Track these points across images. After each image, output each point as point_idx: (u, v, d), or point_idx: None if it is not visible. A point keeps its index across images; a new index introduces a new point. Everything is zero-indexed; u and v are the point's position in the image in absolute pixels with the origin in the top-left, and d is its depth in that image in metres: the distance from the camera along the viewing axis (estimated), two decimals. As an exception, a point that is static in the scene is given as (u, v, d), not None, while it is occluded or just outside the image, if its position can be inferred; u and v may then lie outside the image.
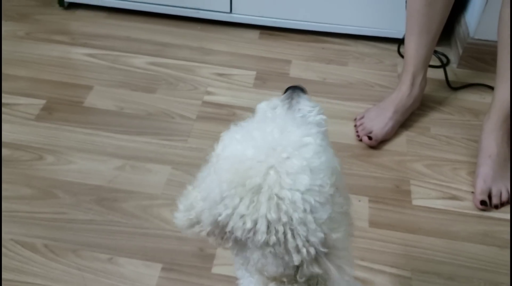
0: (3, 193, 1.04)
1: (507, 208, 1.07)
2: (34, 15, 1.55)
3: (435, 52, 1.43)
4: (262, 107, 0.61)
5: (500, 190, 1.06)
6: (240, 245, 0.49)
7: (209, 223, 0.49)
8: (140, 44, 1.46)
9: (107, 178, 1.08)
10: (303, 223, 0.45)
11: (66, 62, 1.40)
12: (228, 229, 0.47)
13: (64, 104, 1.26)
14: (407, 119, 1.24)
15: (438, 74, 1.39)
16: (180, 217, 0.53)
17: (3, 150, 1.13)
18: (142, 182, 1.08)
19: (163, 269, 0.92)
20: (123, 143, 1.16)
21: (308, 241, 0.45)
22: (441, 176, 1.12)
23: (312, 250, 0.45)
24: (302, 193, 0.45)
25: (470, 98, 1.33)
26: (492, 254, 0.98)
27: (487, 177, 1.07)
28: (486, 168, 1.08)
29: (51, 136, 1.17)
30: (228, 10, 1.50)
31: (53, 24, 1.52)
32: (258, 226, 0.45)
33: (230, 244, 0.50)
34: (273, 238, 0.45)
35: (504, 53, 1.03)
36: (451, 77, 1.38)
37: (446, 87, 1.36)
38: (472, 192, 1.08)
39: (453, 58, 1.45)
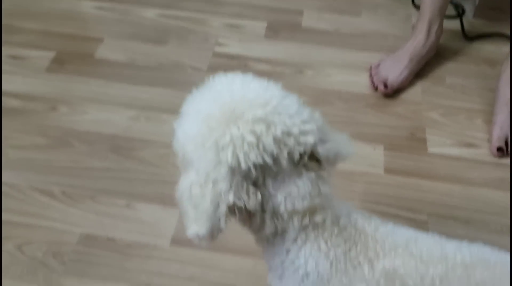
0: (19, 142, 1.04)
1: (523, 155, 1.06)
2: (40, -32, 1.52)
3: (451, 2, 1.41)
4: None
5: (517, 137, 1.06)
6: (267, 171, 0.48)
7: (223, 176, 0.46)
8: (150, -4, 1.43)
9: (122, 127, 1.08)
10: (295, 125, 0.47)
11: (75, 14, 1.38)
12: (244, 165, 0.45)
13: (75, 56, 1.24)
14: (422, 69, 1.22)
15: (454, 24, 1.36)
16: (197, 227, 0.47)
17: (16, 101, 1.12)
18: (157, 131, 1.08)
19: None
20: (136, 93, 1.16)
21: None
22: (457, 125, 1.12)
23: (311, 138, 0.47)
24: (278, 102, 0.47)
25: (486, 48, 1.31)
26: (508, 200, 0.98)
27: (504, 124, 1.06)
28: (503, 115, 1.07)
29: (64, 87, 1.17)
30: (239, -39, 1.46)
31: (61, -23, 1.50)
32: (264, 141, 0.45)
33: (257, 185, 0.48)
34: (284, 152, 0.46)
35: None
36: (466, 27, 1.36)
37: (461, 38, 1.34)
38: (488, 140, 1.08)
39: (469, 7, 1.41)
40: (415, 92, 1.19)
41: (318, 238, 0.52)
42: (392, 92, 1.16)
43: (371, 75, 1.20)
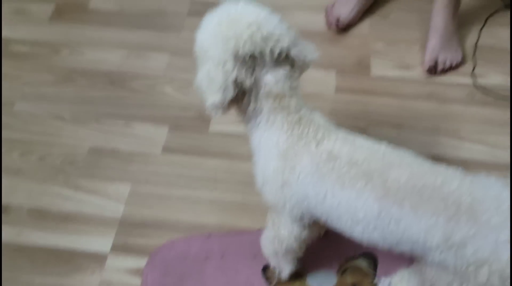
0: (31, 80, 1.24)
1: (451, 73, 1.28)
2: None
3: None
4: None
5: (445, 58, 1.27)
6: (257, 62, 0.67)
7: (229, 58, 0.65)
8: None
9: (115, 64, 1.29)
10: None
11: (67, -29, 1.55)
12: (241, 52, 0.65)
13: (72, 7, 1.43)
14: (370, 6, 1.43)
15: (401, -33, 1.55)
16: (214, 97, 0.66)
17: (25, 47, 1.32)
18: (146, 66, 1.28)
19: (170, 129, 1.15)
20: (126, 36, 1.36)
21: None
22: (397, 52, 1.33)
23: (286, 42, 0.67)
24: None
25: (427, -14, 1.51)
26: (434, 108, 1.20)
27: (435, 47, 1.27)
28: (434, 40, 1.28)
29: (64, 34, 1.36)
30: None
31: None
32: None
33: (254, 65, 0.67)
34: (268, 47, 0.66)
35: None
36: (412, -31, 1.55)
37: (407, -21, 1.53)
38: (422, 62, 1.29)
39: (415, -48, 1.60)
40: (364, 26, 1.40)
41: (283, 120, 0.70)
42: (343, 27, 1.37)
43: (326, 15, 1.41)
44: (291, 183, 0.71)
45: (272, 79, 0.69)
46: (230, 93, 0.67)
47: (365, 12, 1.42)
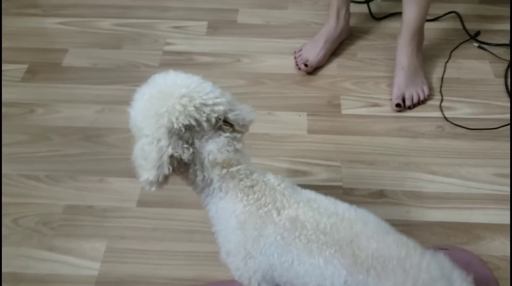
0: (6, 141, 1.25)
1: (420, 108, 1.31)
2: (5, -6, 1.73)
3: (362, -11, 1.66)
4: None
5: (412, 94, 1.31)
6: (195, 133, 0.67)
7: (163, 135, 0.65)
8: (105, 9, 1.65)
9: (90, 120, 1.30)
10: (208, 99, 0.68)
11: (41, 31, 1.59)
12: (176, 125, 0.65)
13: (45, 66, 1.46)
14: (337, 48, 1.47)
15: (365, 8, 1.61)
16: (147, 174, 0.65)
17: (-1, 108, 1.34)
18: (119, 120, 1.30)
19: (144, 181, 1.16)
20: (99, 92, 1.38)
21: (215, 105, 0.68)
22: (365, 90, 1.36)
23: (222, 107, 0.68)
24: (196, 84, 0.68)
25: (391, 25, 1.56)
26: (405, 143, 1.23)
27: (401, 84, 1.31)
28: (400, 77, 1.31)
29: (38, 93, 1.38)
30: (179, -29, 1.69)
31: (24, 0, 1.70)
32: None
33: (189, 140, 0.67)
34: (203, 117, 0.66)
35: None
36: (375, 9, 1.61)
37: (371, 19, 1.59)
38: (390, 99, 1.32)
39: (378, -7, 1.67)
40: (332, 67, 1.43)
41: (235, 188, 0.69)
42: (312, 70, 1.40)
43: (295, 58, 1.44)
44: (255, 255, 0.70)
45: (214, 146, 0.68)
46: (165, 170, 0.65)
47: (332, 53, 1.46)
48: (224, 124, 0.69)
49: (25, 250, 1.04)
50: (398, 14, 1.57)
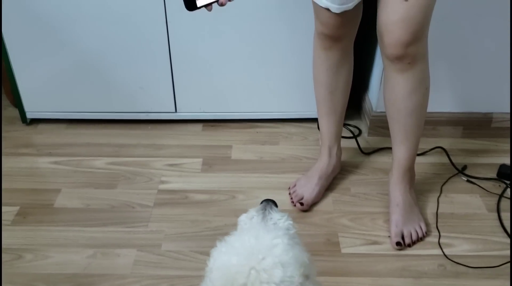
0: (-10, 292, 1.18)
1: (419, 245, 1.30)
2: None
3: (349, 125, 1.74)
4: (242, 219, 0.81)
5: (410, 231, 1.30)
6: None
7: None
8: (99, 148, 1.68)
9: (81, 266, 1.25)
10: None
11: (34, 171, 1.59)
12: None
13: (36, 208, 1.43)
14: (331, 183, 1.49)
15: (354, 143, 1.67)
16: None
17: (-14, 255, 1.28)
18: (113, 265, 1.25)
19: (138, 336, 1.08)
20: (92, 234, 1.34)
21: None
22: (363, 226, 1.36)
23: None
24: (277, 284, 0.63)
25: (380, 159, 1.61)
26: (409, 284, 1.19)
27: (398, 222, 1.31)
28: (396, 215, 1.32)
29: (27, 236, 1.34)
30: (174, 110, 1.76)
31: (19, 139, 1.73)
32: None
33: None
34: None
35: (392, 125, 1.30)
36: (364, 144, 1.67)
37: (360, 154, 1.64)
38: (389, 236, 1.32)
39: (364, 128, 1.75)
40: (327, 203, 1.44)
41: None
42: (308, 208, 1.41)
43: (290, 194, 1.45)
44: None
45: None
46: None
47: (327, 189, 1.48)
48: None
49: None
50: (386, 149, 1.63)
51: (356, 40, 1.33)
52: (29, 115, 1.78)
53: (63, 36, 1.59)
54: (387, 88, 1.24)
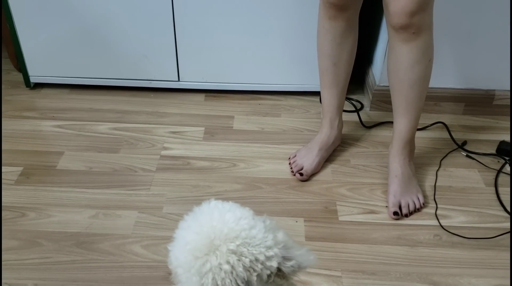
0: (-7, 247, 1.20)
1: (416, 215, 1.32)
2: (4, 97, 1.76)
3: (351, 99, 1.74)
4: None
5: (407, 202, 1.32)
6: None
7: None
8: (102, 113, 1.69)
9: (83, 225, 1.27)
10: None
11: (37, 134, 1.60)
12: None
13: (40, 169, 1.45)
14: (331, 155, 1.50)
15: (355, 116, 1.68)
16: None
17: (-11, 212, 1.30)
18: (114, 225, 1.27)
19: (138, 292, 1.11)
20: (94, 196, 1.36)
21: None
22: (361, 196, 1.38)
23: (275, 263, 0.61)
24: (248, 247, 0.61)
25: (381, 133, 1.62)
26: (405, 252, 1.22)
27: (396, 192, 1.33)
28: (394, 186, 1.34)
29: (31, 196, 1.36)
30: (176, 79, 1.76)
31: (22, 103, 1.74)
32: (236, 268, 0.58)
33: None
34: (253, 276, 0.59)
35: (394, 96, 1.31)
36: (365, 118, 1.68)
37: (361, 127, 1.65)
38: (386, 206, 1.33)
39: (366, 102, 1.75)
40: (327, 173, 1.46)
41: None
42: (308, 178, 1.42)
43: (290, 164, 1.47)
44: None
45: None
46: None
47: (326, 160, 1.49)
48: (276, 274, 0.62)
49: None
50: (388, 123, 1.64)
51: (361, 13, 1.33)
52: (32, 80, 1.79)
53: (68, 0, 1.59)
54: (391, 59, 1.25)
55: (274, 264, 0.60)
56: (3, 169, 1.44)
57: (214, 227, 0.61)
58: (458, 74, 1.65)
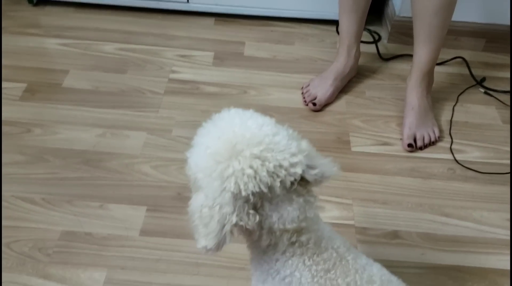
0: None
1: (430, 149, 1.29)
2: (6, 12, 1.68)
3: (369, 30, 1.67)
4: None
5: (423, 134, 1.29)
6: (264, 196, 0.57)
7: (228, 201, 0.55)
8: (108, 33, 1.62)
9: (91, 143, 1.24)
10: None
11: (41, 51, 1.54)
12: (244, 192, 0.55)
13: (44, 86, 1.40)
14: (345, 86, 1.46)
15: (372, 48, 1.62)
16: (206, 242, 0.57)
17: (-6, 126, 1.27)
18: (122, 145, 1.24)
19: (148, 210, 1.09)
20: (101, 115, 1.32)
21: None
22: (375, 128, 1.34)
23: (299, 169, 0.58)
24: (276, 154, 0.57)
25: (399, 66, 1.57)
26: (418, 184, 1.20)
27: (412, 125, 1.29)
28: (410, 118, 1.30)
29: (36, 112, 1.32)
30: (185, 0, 1.68)
31: (26, 19, 1.66)
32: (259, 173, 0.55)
33: (258, 207, 0.58)
34: (277, 182, 0.56)
35: (416, 24, 1.25)
36: (382, 50, 1.62)
37: (378, 59, 1.59)
38: (401, 139, 1.30)
39: (384, 34, 1.69)
40: (341, 104, 1.42)
41: (303, 255, 0.62)
42: (321, 108, 1.38)
43: (303, 93, 1.42)
44: None
45: (285, 212, 0.59)
46: (227, 241, 0.57)
47: (341, 91, 1.44)
48: (300, 182, 0.59)
49: (19, 277, 0.96)
50: (405, 56, 1.59)
51: None
52: (35, -5, 1.70)
53: None
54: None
55: (298, 170, 0.57)
56: (7, 84, 1.39)
57: (236, 133, 0.58)
58: (482, 7, 1.57)
